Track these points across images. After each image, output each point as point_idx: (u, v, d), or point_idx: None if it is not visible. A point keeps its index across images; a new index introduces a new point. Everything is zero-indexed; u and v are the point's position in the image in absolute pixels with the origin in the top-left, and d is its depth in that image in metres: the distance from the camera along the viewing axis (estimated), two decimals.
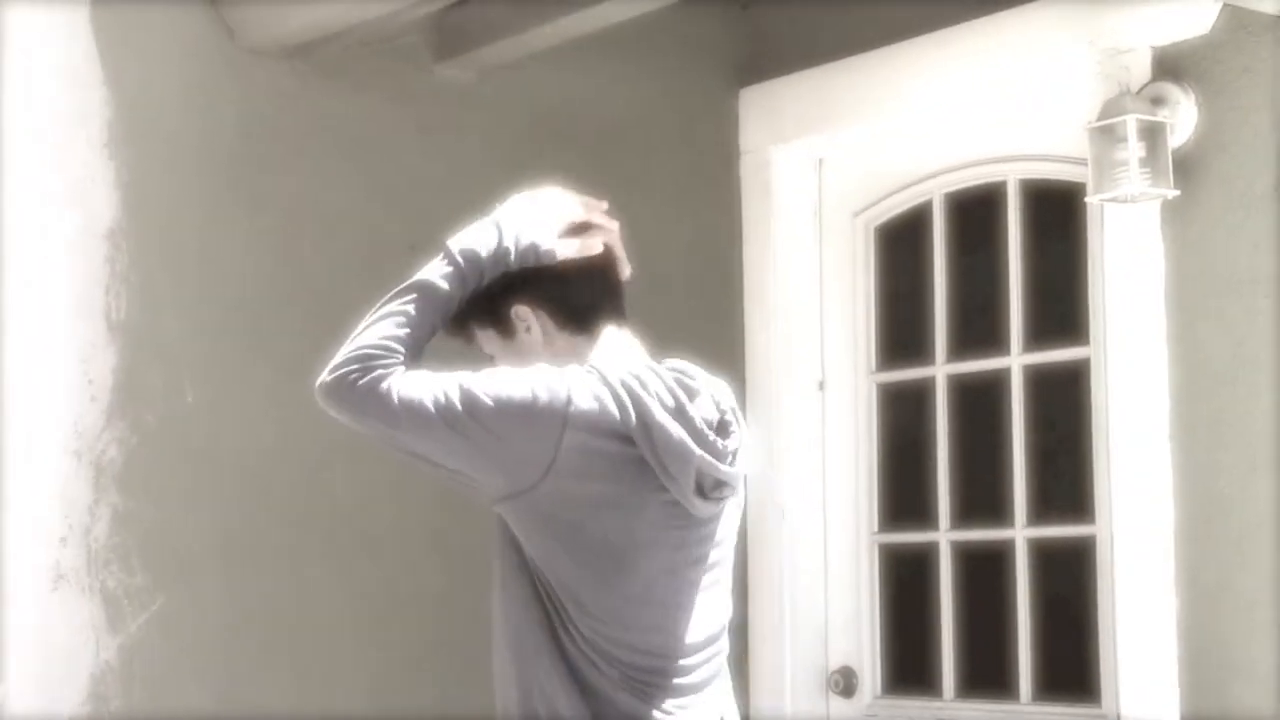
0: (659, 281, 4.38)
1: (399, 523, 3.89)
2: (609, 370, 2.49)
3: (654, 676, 2.50)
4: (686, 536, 2.55)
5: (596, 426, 2.44)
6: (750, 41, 4.56)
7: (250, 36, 3.78)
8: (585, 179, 4.16)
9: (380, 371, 2.47)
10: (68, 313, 3.56)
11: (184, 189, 3.72)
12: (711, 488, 2.55)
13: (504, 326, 2.59)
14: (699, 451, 2.50)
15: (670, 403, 2.51)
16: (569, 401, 2.43)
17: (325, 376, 2.52)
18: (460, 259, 2.54)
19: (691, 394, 2.56)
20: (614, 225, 2.66)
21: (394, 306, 2.53)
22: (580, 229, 2.61)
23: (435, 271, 2.55)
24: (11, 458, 3.47)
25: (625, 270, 2.67)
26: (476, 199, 2.75)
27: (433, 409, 2.42)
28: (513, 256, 2.54)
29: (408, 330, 2.51)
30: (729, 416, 2.62)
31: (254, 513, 3.75)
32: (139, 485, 3.60)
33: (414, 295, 2.53)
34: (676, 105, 4.46)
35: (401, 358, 2.49)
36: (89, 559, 3.54)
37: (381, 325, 2.52)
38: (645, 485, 2.48)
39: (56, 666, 3.49)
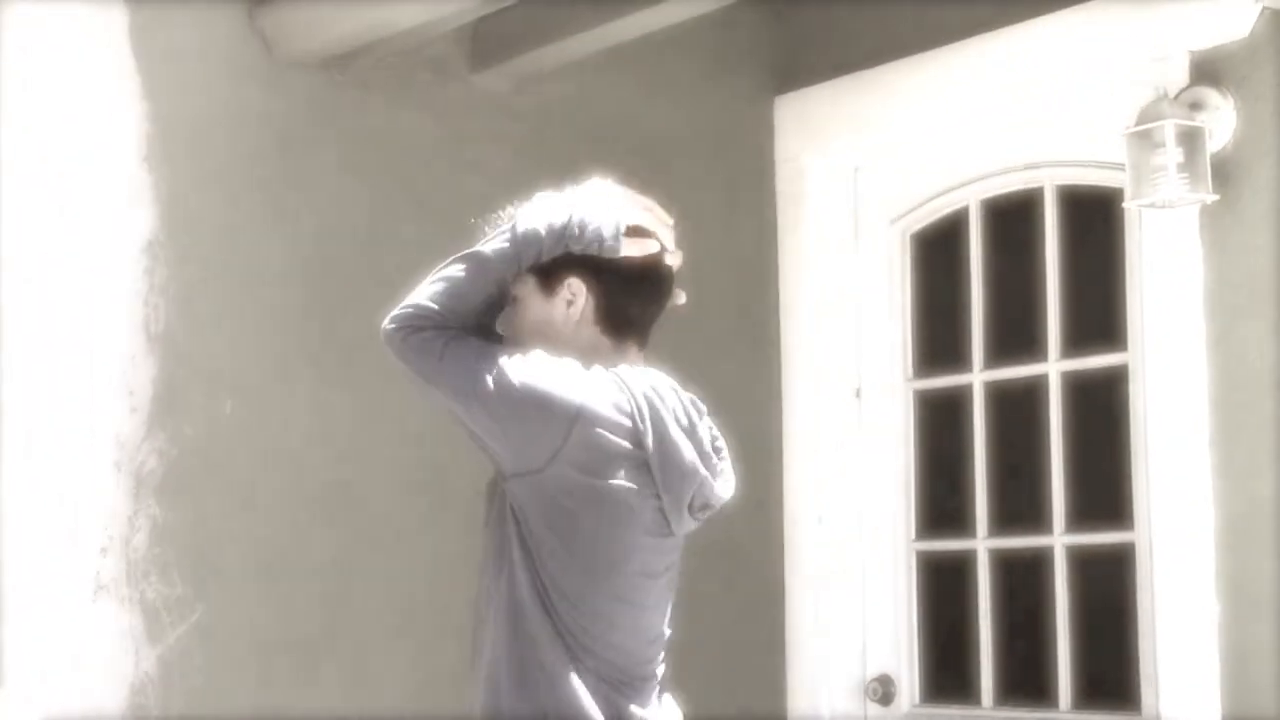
0: (695, 290, 4.38)
1: (437, 533, 3.89)
2: (632, 379, 2.59)
3: (622, 675, 2.60)
4: (663, 544, 2.65)
5: (608, 427, 2.54)
6: (785, 49, 4.55)
7: (287, 48, 3.79)
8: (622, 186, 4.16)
9: (429, 333, 2.61)
10: (107, 324, 3.58)
11: (222, 201, 3.74)
12: (700, 507, 2.67)
13: (550, 286, 2.66)
14: (703, 472, 2.63)
15: (685, 422, 2.62)
16: (586, 398, 2.53)
17: (387, 324, 2.65)
18: (520, 237, 2.63)
19: (701, 415, 2.67)
20: (678, 252, 2.75)
21: (450, 272, 2.66)
22: (645, 234, 2.68)
23: (494, 243, 2.66)
24: (52, 468, 3.49)
25: (680, 298, 2.77)
26: (513, 208, 2.76)
27: (468, 376, 2.55)
28: (575, 240, 2.62)
29: (458, 298, 2.63)
30: (720, 443, 2.73)
31: (292, 523, 3.76)
32: (178, 496, 3.61)
33: (468, 265, 2.65)
34: (712, 114, 4.46)
35: (448, 320, 2.62)
36: (129, 570, 3.55)
37: (434, 288, 2.64)
38: (644, 491, 2.58)
39: (96, 677, 3.51)
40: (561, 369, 2.56)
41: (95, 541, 3.52)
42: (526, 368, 2.55)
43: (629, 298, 2.66)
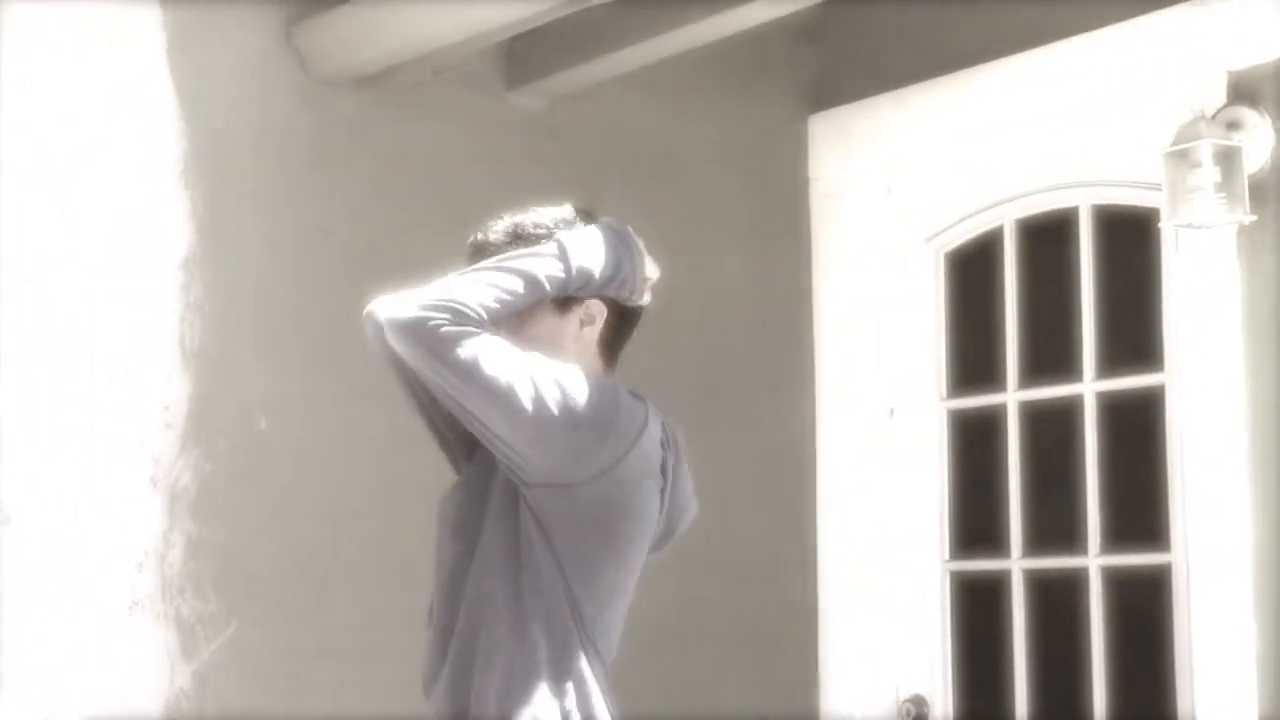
0: (729, 309, 4.39)
1: None
2: (650, 405, 2.66)
3: (609, 683, 2.65)
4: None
5: (654, 451, 2.60)
6: (819, 68, 4.55)
7: (322, 67, 3.81)
8: (656, 205, 4.20)
9: (471, 329, 2.53)
10: (143, 341, 3.59)
11: (258, 218, 3.75)
12: (671, 535, 2.78)
13: (566, 303, 2.67)
14: (695, 503, 2.78)
15: (684, 454, 2.76)
16: (644, 422, 2.58)
17: (407, 312, 2.58)
18: (576, 273, 2.63)
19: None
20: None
21: (501, 281, 2.60)
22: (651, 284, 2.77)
23: (548, 270, 2.62)
24: (88, 484, 3.50)
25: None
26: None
27: (513, 380, 2.51)
28: (617, 288, 2.67)
29: (505, 308, 2.59)
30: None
31: (326, 539, 3.76)
32: (213, 513, 3.62)
33: (522, 284, 2.60)
34: (745, 132, 4.46)
35: (486, 327, 2.57)
36: (163, 585, 3.56)
37: (484, 292, 2.58)
38: (657, 514, 2.66)
39: (131, 692, 3.51)
40: (618, 391, 2.60)
41: (130, 557, 3.53)
42: (588, 386, 2.56)
43: (628, 330, 2.74)
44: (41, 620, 3.43)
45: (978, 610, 4.39)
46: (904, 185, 4.49)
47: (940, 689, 4.38)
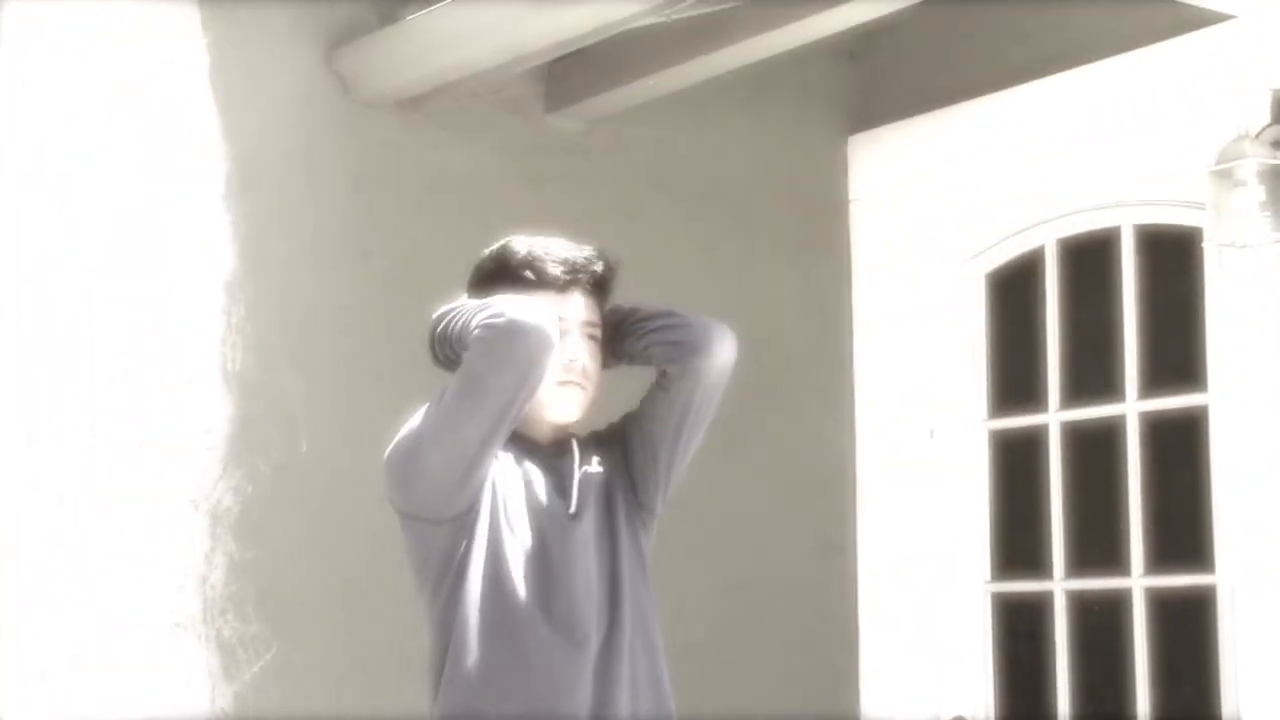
0: (770, 329, 4.38)
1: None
2: None
3: None
4: None
5: None
6: (858, 89, 4.55)
7: (363, 89, 3.82)
8: (696, 226, 4.20)
9: None
10: (184, 363, 3.60)
11: (299, 240, 3.76)
12: None
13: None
14: None
15: None
16: None
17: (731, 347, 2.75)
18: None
19: None
20: None
21: None
22: None
23: None
24: (130, 506, 3.51)
25: None
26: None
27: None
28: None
29: None
30: None
31: (368, 561, 3.76)
32: (254, 534, 3.63)
33: None
34: (786, 153, 4.46)
35: None
36: (205, 607, 3.57)
37: None
38: None
39: (172, 713, 3.52)
40: None
41: (172, 579, 3.54)
42: None
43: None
44: (84, 642, 3.45)
45: (1020, 631, 4.37)
46: (944, 205, 4.48)
47: (982, 710, 4.35)
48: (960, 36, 4.31)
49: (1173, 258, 4.08)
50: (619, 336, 2.78)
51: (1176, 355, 4.08)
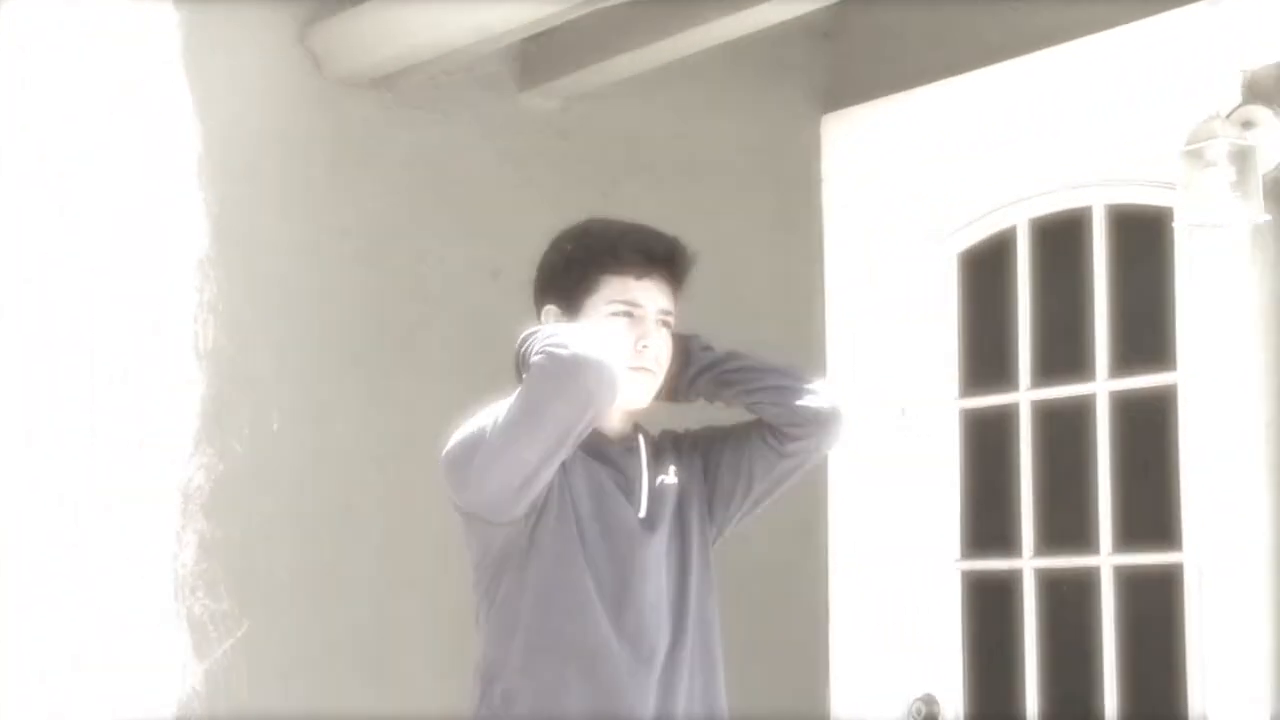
0: (741, 308, 4.39)
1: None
2: None
3: None
4: None
5: None
6: (832, 68, 4.55)
7: (336, 67, 3.82)
8: (668, 206, 4.20)
9: None
10: (156, 341, 3.60)
11: (271, 218, 3.76)
12: None
13: None
14: None
15: None
16: None
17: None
18: None
19: None
20: None
21: None
22: None
23: None
24: (99, 483, 3.51)
25: None
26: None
27: None
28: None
29: None
30: None
31: (339, 539, 3.77)
32: (225, 512, 3.63)
33: None
34: (759, 132, 4.46)
35: None
36: (175, 585, 3.57)
37: None
38: None
39: (142, 692, 3.52)
40: None
41: (142, 557, 3.54)
42: None
43: None
44: (53, 620, 3.45)
45: (989, 610, 4.39)
46: (917, 185, 4.49)
47: (951, 688, 4.38)
48: (934, 16, 4.32)
49: (1144, 238, 4.09)
50: (701, 373, 2.82)
51: (1147, 335, 4.09)
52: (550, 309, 2.81)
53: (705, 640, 2.75)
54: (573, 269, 2.77)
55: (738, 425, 2.86)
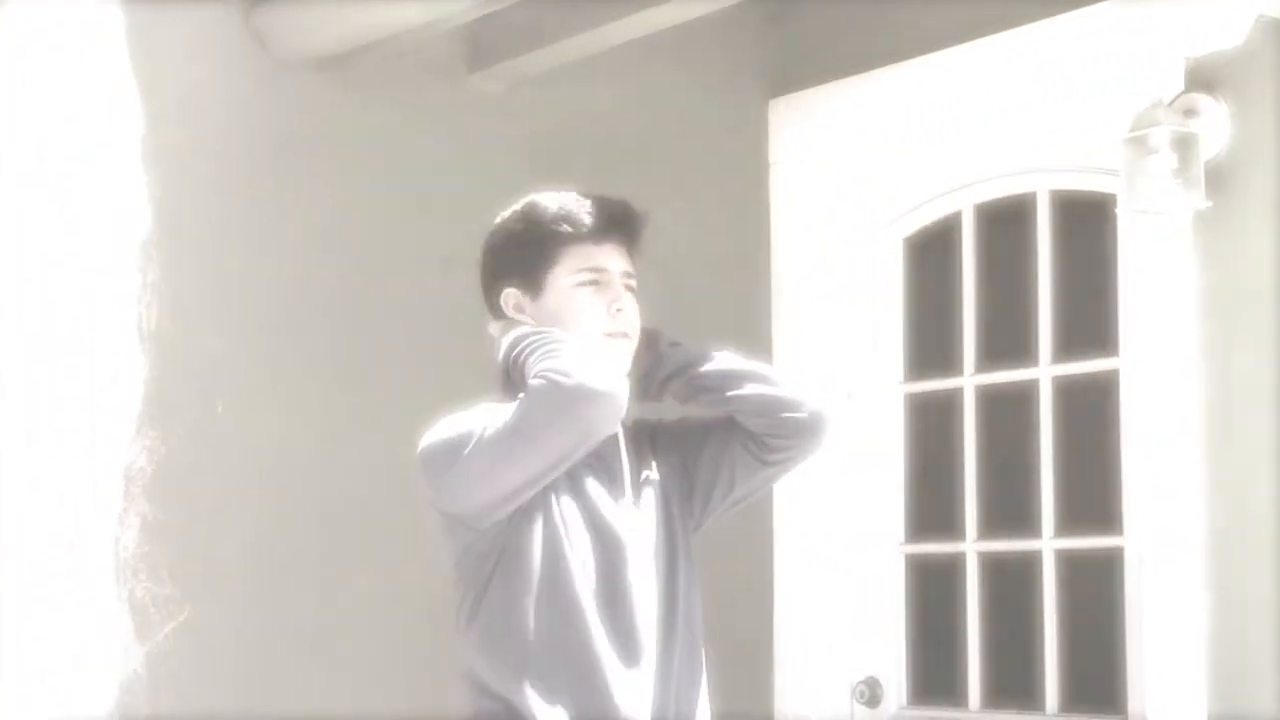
0: (688, 292, 4.39)
1: (428, 531, 3.89)
2: None
3: None
4: None
5: None
6: (781, 53, 4.56)
7: (283, 48, 3.79)
8: (617, 190, 4.18)
9: None
10: (99, 323, 3.57)
11: (216, 200, 3.74)
12: None
13: None
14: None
15: None
16: None
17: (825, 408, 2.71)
18: None
19: None
20: None
21: None
22: None
23: None
24: (42, 466, 3.49)
25: None
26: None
27: None
28: None
29: None
30: None
31: (283, 523, 3.76)
32: (168, 495, 3.61)
33: None
34: (707, 116, 4.46)
35: None
36: (117, 568, 3.55)
37: None
38: None
39: (84, 676, 3.51)
40: None
41: (85, 540, 3.52)
42: None
43: None
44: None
45: (933, 593, 4.42)
46: (864, 169, 4.51)
47: (894, 670, 4.41)
48: (882, 2, 4.33)
49: (1088, 224, 4.12)
50: (673, 376, 2.71)
51: (1091, 320, 4.12)
52: (510, 292, 2.69)
53: (692, 639, 2.68)
54: (528, 246, 2.66)
55: (717, 423, 2.74)
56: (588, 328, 2.64)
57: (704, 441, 2.74)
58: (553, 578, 2.55)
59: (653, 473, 2.70)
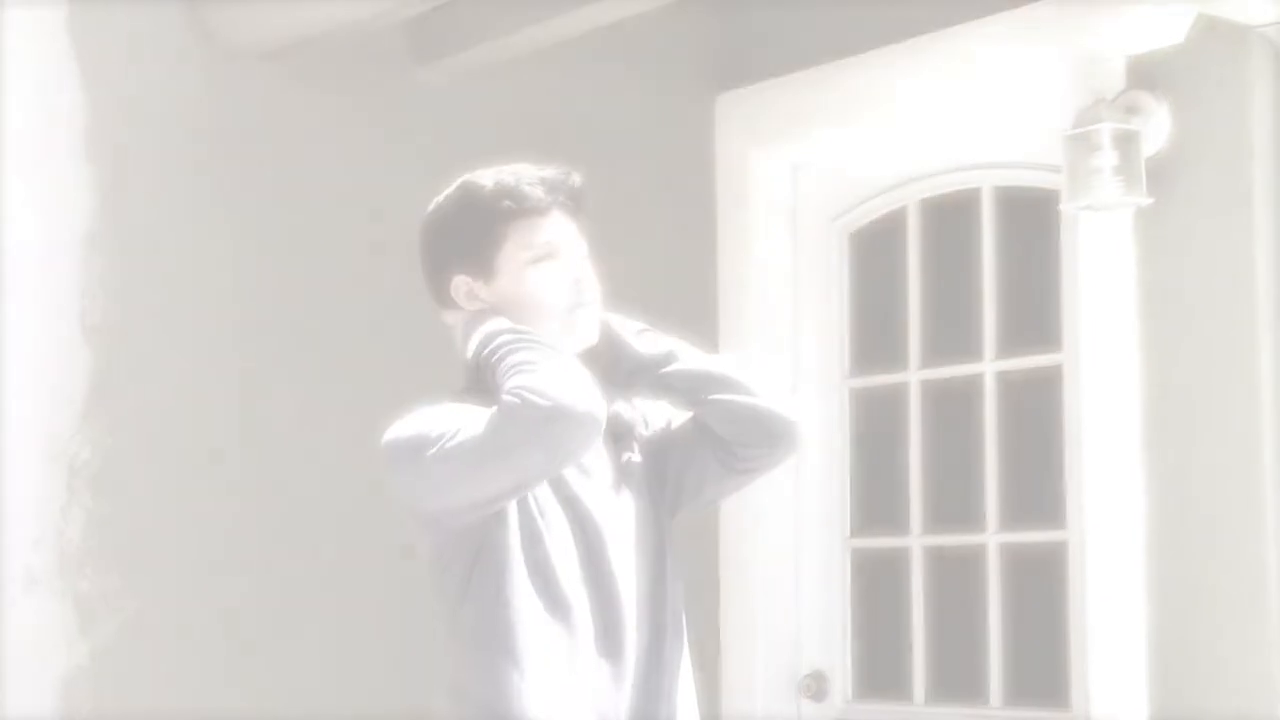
0: (634, 286, 4.39)
1: (372, 526, 3.89)
2: None
3: None
4: None
5: None
6: (728, 48, 4.57)
7: (229, 39, 3.78)
8: None
9: None
10: (43, 316, 3.55)
11: (161, 192, 3.72)
12: None
13: None
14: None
15: None
16: None
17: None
18: None
19: None
20: None
21: None
22: None
23: None
24: None
25: None
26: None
27: None
28: None
29: None
30: None
31: (228, 516, 3.74)
32: (113, 488, 3.59)
33: None
34: (653, 110, 4.47)
35: None
36: (62, 562, 3.53)
37: None
38: None
39: (28, 669, 3.49)
40: None
41: (28, 533, 3.50)
42: None
43: None
44: None
45: (878, 587, 4.44)
46: (811, 165, 4.52)
47: (840, 665, 4.42)
48: None
49: (1032, 220, 4.15)
50: (639, 370, 2.59)
51: (1034, 316, 4.15)
52: (460, 280, 2.55)
53: (680, 628, 2.58)
54: (470, 228, 2.54)
55: (687, 422, 2.63)
56: (549, 305, 2.54)
57: (672, 442, 2.64)
58: (533, 570, 2.44)
59: (634, 455, 2.60)
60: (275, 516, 3.80)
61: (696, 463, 2.62)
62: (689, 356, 2.63)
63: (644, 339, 2.65)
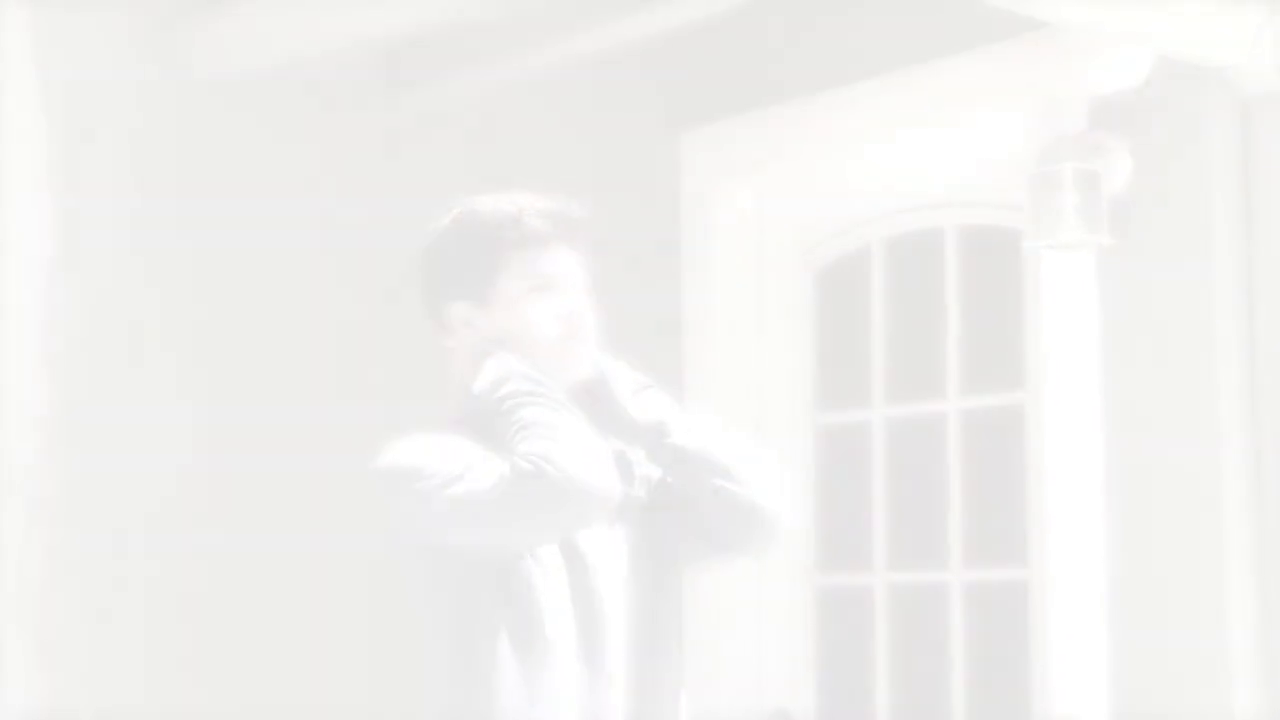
0: (599, 324, 4.40)
1: (343, 549, 3.88)
2: None
3: None
4: None
5: None
6: (692, 85, 4.58)
7: (195, 68, 3.79)
8: None
9: None
10: (3, 345, 3.55)
11: (124, 220, 3.73)
12: None
13: None
14: None
15: None
16: None
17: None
18: None
19: None
20: None
21: None
22: None
23: None
24: None
25: None
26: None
27: None
28: None
29: None
30: None
31: (192, 543, 3.74)
32: (75, 517, 3.59)
33: None
34: (618, 149, 4.48)
35: None
36: (22, 593, 3.52)
37: None
38: None
39: None
40: None
41: None
42: None
43: None
44: None
45: (843, 624, 4.44)
46: (775, 202, 4.54)
47: (804, 702, 4.42)
48: (792, 35, 4.37)
49: (996, 258, 4.17)
50: (637, 434, 2.56)
51: (998, 353, 4.17)
52: (458, 308, 2.53)
53: (676, 646, 2.58)
54: (473, 255, 2.50)
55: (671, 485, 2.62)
56: (543, 337, 2.52)
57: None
58: (518, 594, 2.40)
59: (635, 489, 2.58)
60: (240, 546, 3.79)
61: (672, 535, 2.60)
62: (685, 430, 2.62)
63: (639, 401, 2.62)
